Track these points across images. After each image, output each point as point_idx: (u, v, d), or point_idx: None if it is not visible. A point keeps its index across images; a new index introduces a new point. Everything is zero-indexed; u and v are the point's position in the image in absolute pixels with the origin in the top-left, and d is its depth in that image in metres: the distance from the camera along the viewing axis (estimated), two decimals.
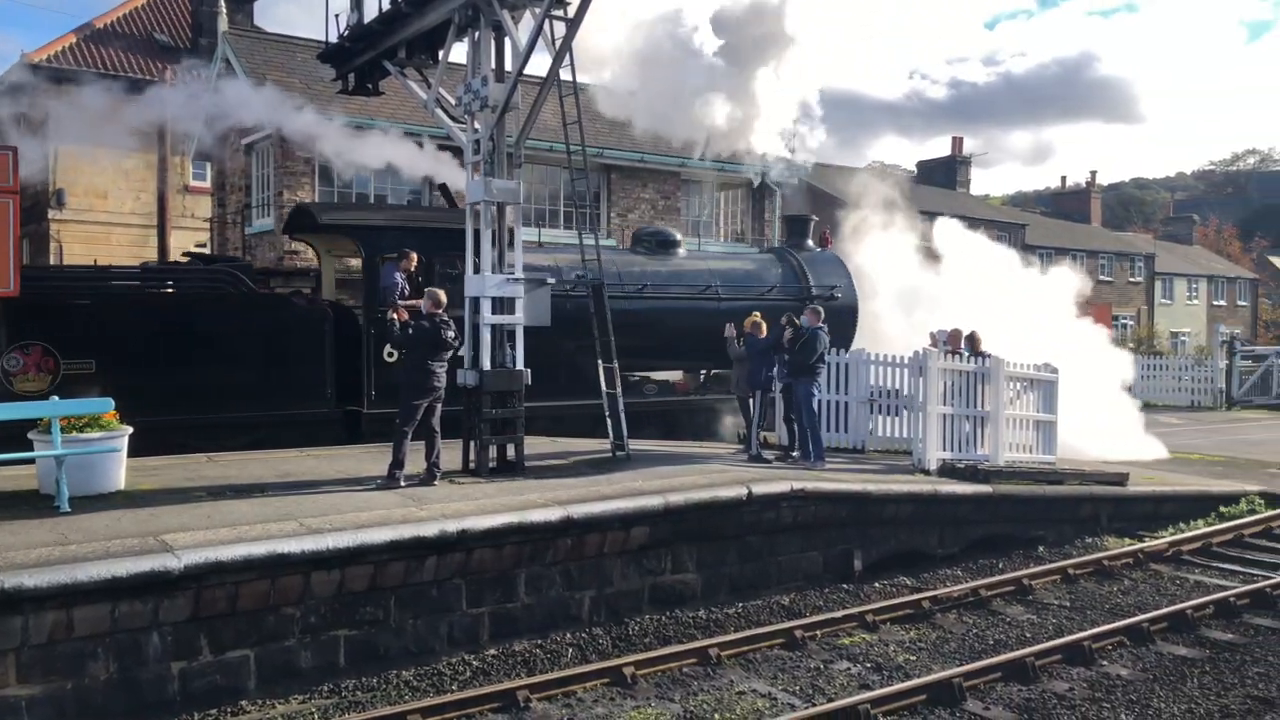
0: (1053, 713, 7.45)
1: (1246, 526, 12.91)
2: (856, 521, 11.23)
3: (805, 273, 17.08)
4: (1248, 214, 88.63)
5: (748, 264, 17.33)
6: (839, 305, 16.86)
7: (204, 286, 12.61)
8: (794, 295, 16.47)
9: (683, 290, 15.57)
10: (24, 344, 10.99)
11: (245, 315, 11.54)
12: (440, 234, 12.80)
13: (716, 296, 15.70)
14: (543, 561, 8.92)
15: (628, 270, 15.28)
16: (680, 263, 16.21)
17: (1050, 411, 14.50)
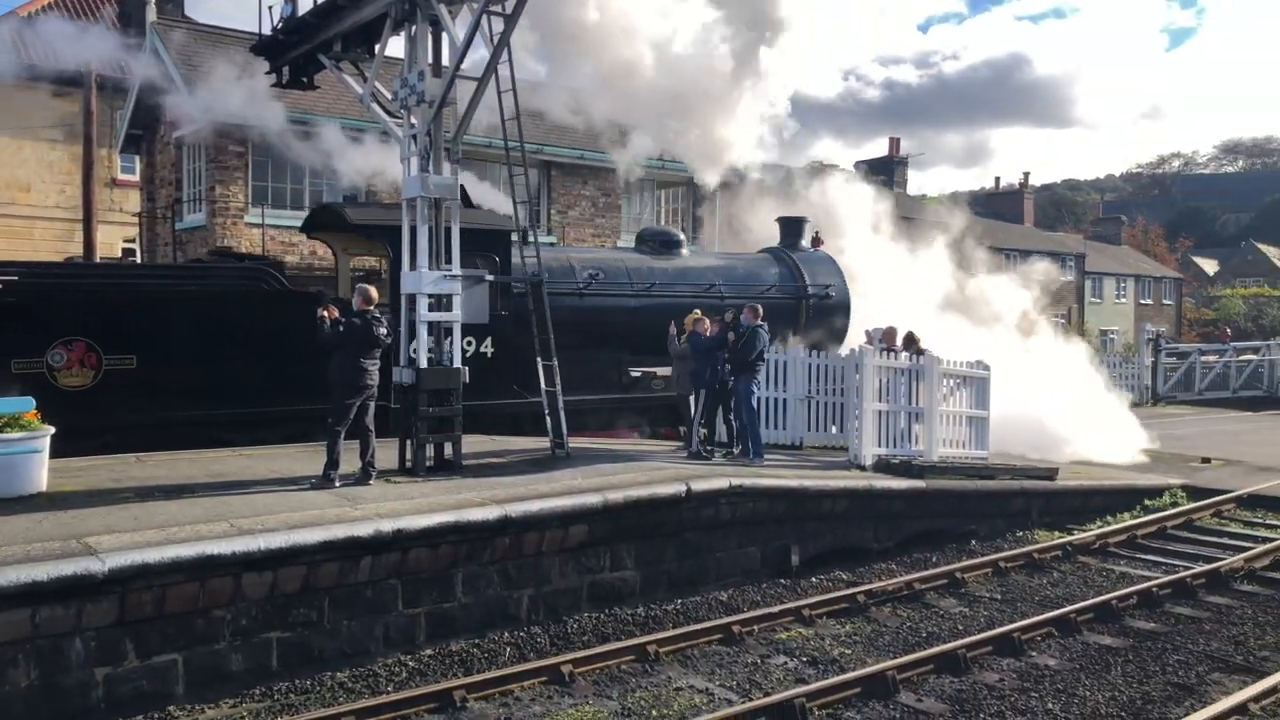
0: (983, 703, 7.59)
1: (1169, 519, 13.29)
2: (794, 517, 11.33)
3: (801, 272, 17.53)
4: (1173, 215, 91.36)
5: (747, 264, 17.71)
6: (833, 303, 17.47)
7: (240, 284, 12.80)
8: (791, 294, 16.95)
9: (688, 289, 15.99)
10: (68, 339, 11.14)
11: (279, 312, 11.66)
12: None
13: (720, 295, 16.08)
14: (480, 561, 8.87)
15: (636, 269, 15.75)
16: (684, 262, 16.64)
17: (983, 407, 14.78)
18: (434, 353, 10.73)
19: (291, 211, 19.00)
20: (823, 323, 17.39)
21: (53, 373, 11.28)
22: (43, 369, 11.20)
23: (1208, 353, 33.28)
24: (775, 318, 16.13)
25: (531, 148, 19.02)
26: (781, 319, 16.65)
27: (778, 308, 16.54)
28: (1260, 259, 75.92)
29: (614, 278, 15.56)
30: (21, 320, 10.89)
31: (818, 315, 17.40)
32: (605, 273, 15.53)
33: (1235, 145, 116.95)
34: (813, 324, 17.25)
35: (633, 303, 14.58)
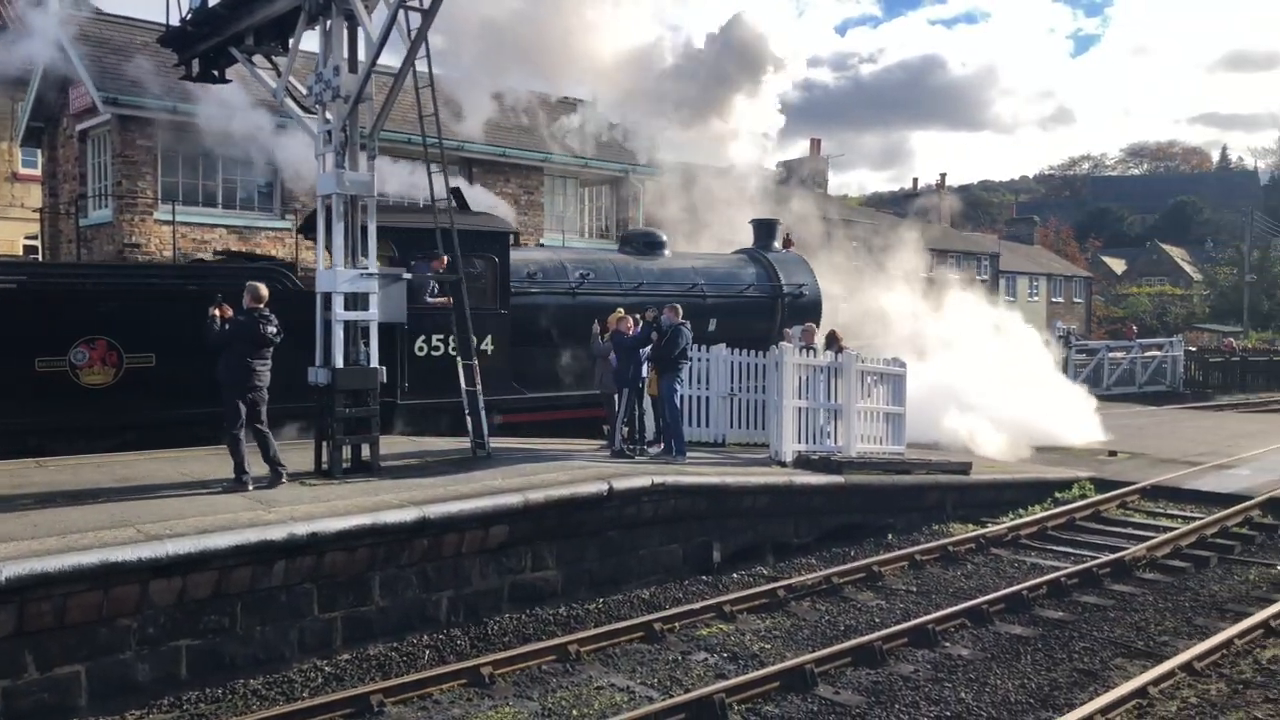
0: (898, 694, 7.74)
1: (1078, 511, 13.70)
2: (716, 514, 11.41)
3: (776, 272, 18.20)
4: (1083, 216, 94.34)
5: (725, 264, 18.27)
6: (806, 301, 18.24)
7: None
8: (768, 293, 17.70)
9: (672, 288, 16.49)
10: (90, 338, 11.29)
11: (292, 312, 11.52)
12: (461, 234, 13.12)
13: (702, 294, 16.81)
14: (398, 563, 8.75)
15: (624, 269, 16.33)
16: (668, 263, 17.21)
17: (899, 404, 15.05)
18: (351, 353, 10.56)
19: (204, 209, 18.50)
20: (798, 319, 17.58)
21: (75, 371, 11.47)
22: (65, 367, 11.40)
23: (1115, 349, 34.38)
24: (753, 315, 17.25)
25: (452, 144, 18.83)
26: (759, 316, 17.35)
27: (755, 305, 17.40)
28: (1164, 258, 78.86)
29: (604, 277, 16.04)
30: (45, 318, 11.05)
31: (793, 313, 18.00)
32: (596, 272, 15.99)
33: (1140, 149, 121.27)
34: (788, 321, 17.76)
35: (622, 301, 14.99)
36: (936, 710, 7.43)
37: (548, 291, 14.99)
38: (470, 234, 13.76)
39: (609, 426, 13.40)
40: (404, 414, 13.47)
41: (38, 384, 11.18)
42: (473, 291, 13.21)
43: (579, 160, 21.90)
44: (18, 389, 11.08)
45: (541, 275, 15.11)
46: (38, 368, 11.20)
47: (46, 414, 11.25)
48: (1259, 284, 58.64)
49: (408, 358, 13.48)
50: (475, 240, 13.76)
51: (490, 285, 14.19)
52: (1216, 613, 9.77)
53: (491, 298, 14.06)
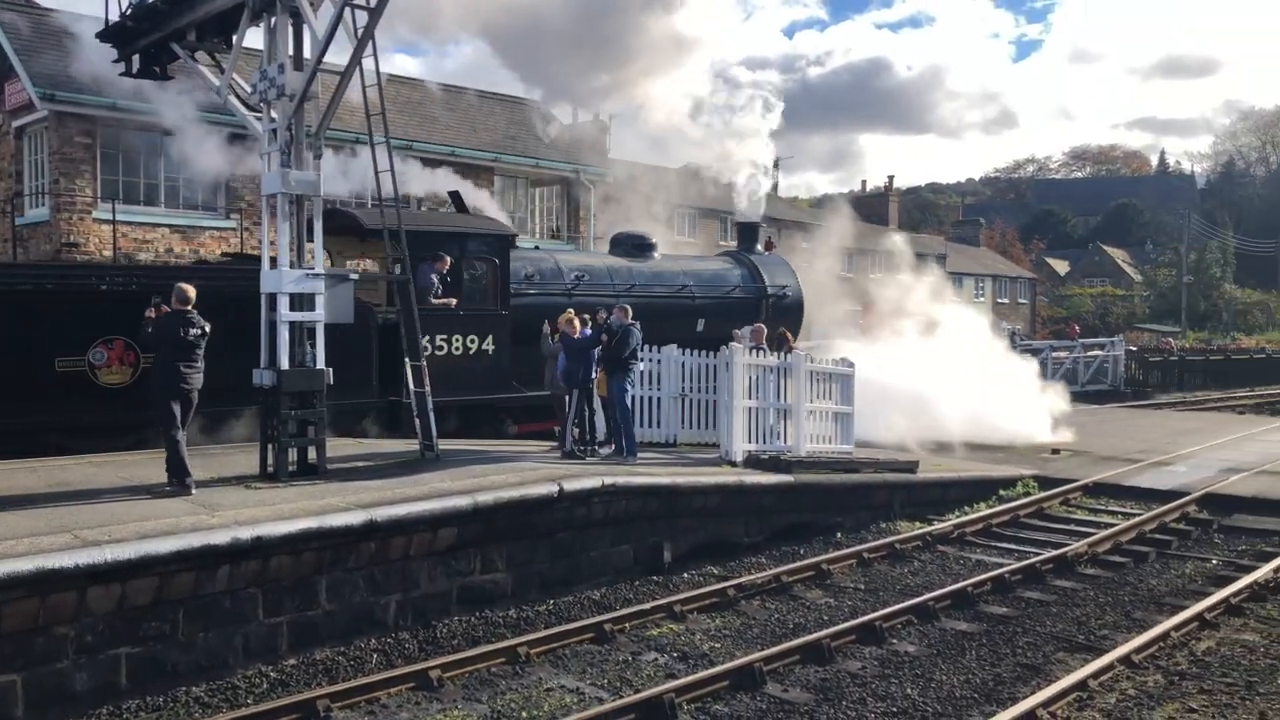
0: (846, 691, 7.82)
1: (1022, 508, 13.93)
2: (666, 514, 11.44)
3: (760, 273, 18.73)
4: (1027, 218, 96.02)
5: (712, 266, 18.83)
6: (789, 302, 18.87)
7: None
8: (753, 294, 18.24)
9: (663, 289, 17.10)
10: (108, 338, 11.39)
11: None
12: (464, 237, 14.34)
13: (691, 295, 17.39)
14: (345, 566, 8.65)
15: (616, 270, 16.74)
16: (658, 264, 17.63)
17: (848, 403, 15.21)
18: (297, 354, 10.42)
19: (145, 208, 18.16)
20: (781, 319, 18.43)
21: (94, 371, 11.59)
22: (84, 366, 11.52)
23: (1058, 349, 35.03)
24: (739, 315, 17.59)
25: (400, 144, 18.69)
26: (744, 316, 17.76)
27: (741, 306, 17.94)
28: (1106, 260, 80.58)
29: (598, 278, 16.40)
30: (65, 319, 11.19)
31: (777, 313, 18.46)
32: (590, 274, 16.34)
33: (1082, 152, 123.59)
34: (772, 321, 17.97)
35: (613, 300, 15.32)
36: (883, 707, 7.52)
37: (545, 293, 15.30)
38: (472, 236, 14.28)
39: (559, 428, 13.38)
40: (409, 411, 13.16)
41: (58, 383, 11.34)
42: (474, 293, 13.85)
43: (530, 160, 21.84)
44: (39, 388, 11.24)
45: (539, 277, 15.52)
46: (58, 367, 11.35)
47: (67, 413, 11.39)
48: (1196, 285, 60.18)
49: None
50: (477, 243, 14.26)
51: (491, 286, 14.49)
52: (1154, 606, 9.99)
53: (493, 299, 14.41)
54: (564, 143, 23.46)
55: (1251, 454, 17.96)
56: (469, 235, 14.38)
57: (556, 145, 23.21)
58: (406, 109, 21.52)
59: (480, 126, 22.47)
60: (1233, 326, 58.95)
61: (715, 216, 40.56)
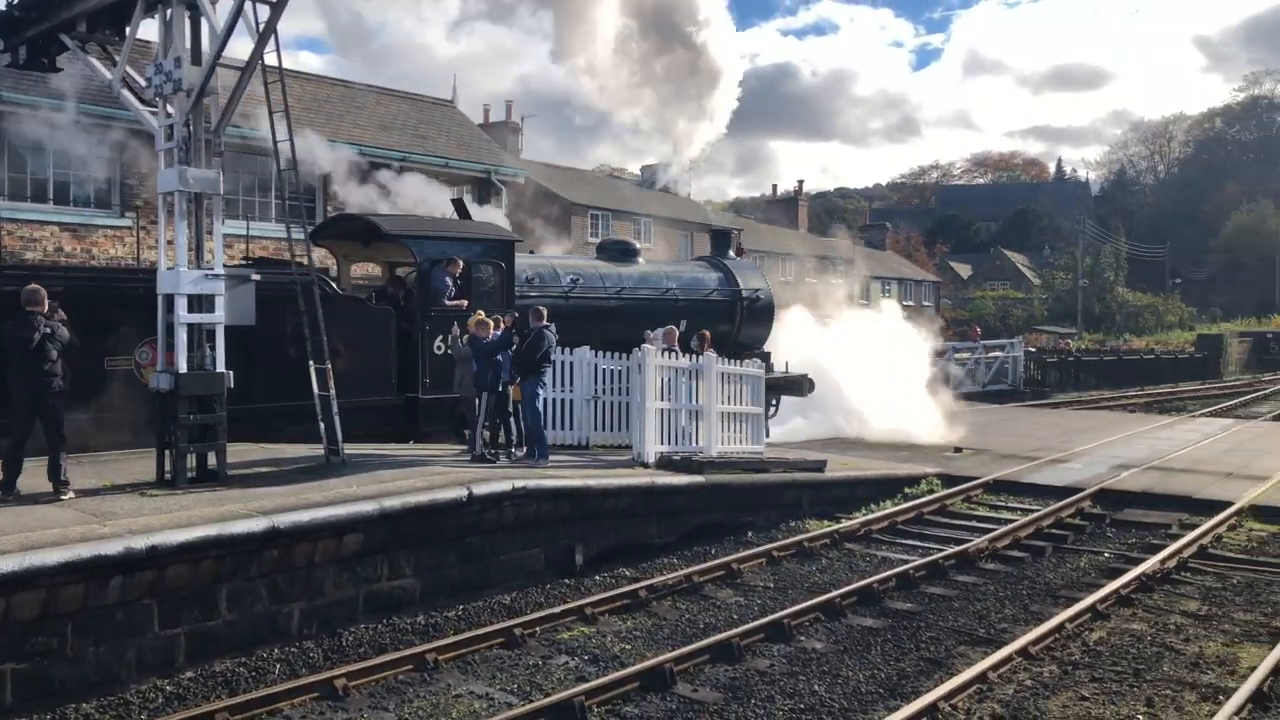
0: (755, 689, 7.89)
1: (925, 505, 14.28)
2: (578, 516, 11.41)
3: (735, 277, 19.39)
4: (932, 223, 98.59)
5: (691, 270, 19.64)
6: (762, 304, 19.59)
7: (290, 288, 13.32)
8: (729, 296, 19.05)
9: (650, 291, 17.80)
10: (152, 338, 11.36)
11: (330, 314, 12.15)
12: (474, 242, 15.03)
13: (674, 298, 18.09)
14: (247, 575, 8.42)
15: (606, 275, 17.42)
16: (643, 269, 18.37)
17: (758, 404, 15.39)
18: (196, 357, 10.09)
19: (33, 204, 17.41)
20: (755, 321, 19.48)
21: (139, 369, 11.88)
22: (131, 365, 11.85)
23: (960, 350, 36.00)
24: (716, 317, 18.46)
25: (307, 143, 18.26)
26: (721, 318, 18.71)
27: (719, 308, 18.81)
28: (1007, 264, 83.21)
29: (590, 282, 17.06)
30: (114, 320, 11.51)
31: (751, 315, 19.34)
32: (584, 277, 17.02)
33: (984, 159, 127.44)
34: (747, 322, 19.27)
35: (609, 304, 16.80)
36: (791, 704, 7.61)
37: (544, 295, 15.86)
38: (479, 242, 15.05)
39: (469, 431, 13.24)
40: (425, 408, 14.31)
41: (107, 382, 11.64)
42: (482, 294, 14.50)
43: (440, 160, 21.58)
44: (90, 386, 11.35)
45: (538, 280, 16.16)
46: (106, 366, 11.66)
47: (115, 410, 11.60)
48: (1091, 289, 62.47)
49: (428, 356, 14.23)
50: (484, 248, 15.02)
51: (498, 288, 15.05)
52: (1050, 599, 10.32)
53: (499, 300, 14.92)
54: (476, 142, 23.25)
55: (1141, 450, 18.73)
56: (477, 240, 15.18)
57: (468, 145, 22.98)
58: (313, 107, 21.08)
59: (389, 125, 22.13)
60: (1125, 328, 61.36)
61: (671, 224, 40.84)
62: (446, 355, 13.94)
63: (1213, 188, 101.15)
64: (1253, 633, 9.24)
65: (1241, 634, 9.22)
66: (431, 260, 14.22)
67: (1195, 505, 14.05)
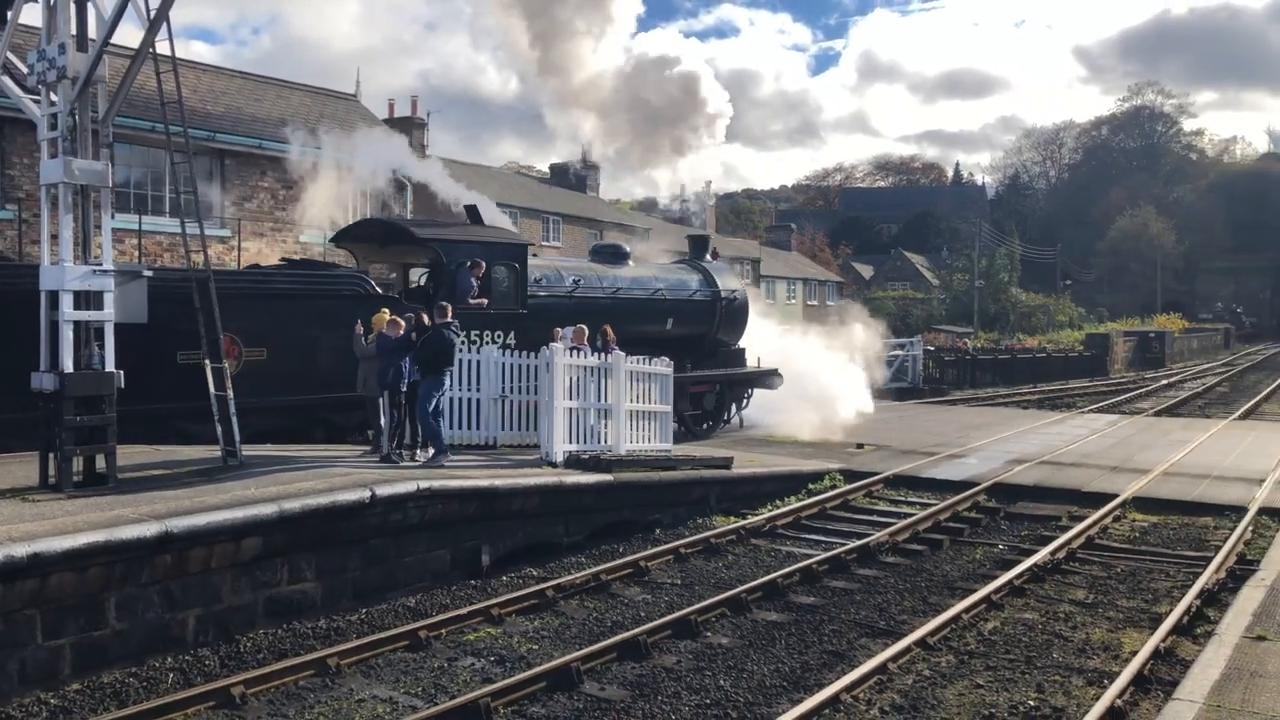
0: (661, 685, 7.93)
1: (829, 501, 14.55)
2: (485, 517, 11.31)
3: (714, 279, 20.59)
4: (835, 224, 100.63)
5: (676, 272, 20.75)
6: (739, 304, 20.90)
7: (344, 287, 14.75)
8: (709, 297, 20.28)
9: (641, 292, 19.01)
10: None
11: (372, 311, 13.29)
12: (493, 246, 16.18)
13: (663, 298, 19.35)
14: (138, 582, 8.12)
15: (603, 276, 18.47)
16: (634, 271, 19.45)
17: (666, 403, 15.47)
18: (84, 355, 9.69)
19: None
20: (732, 319, 20.78)
21: None
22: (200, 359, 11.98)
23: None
24: (698, 316, 19.99)
25: (201, 135, 17.73)
26: (702, 318, 20.14)
27: (701, 308, 20.14)
28: (907, 265, 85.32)
29: (590, 282, 18.09)
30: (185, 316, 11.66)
31: (728, 314, 20.62)
32: (584, 278, 18.04)
33: (886, 162, 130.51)
34: (724, 321, 20.57)
35: (606, 302, 17.77)
36: (697, 699, 7.67)
37: (551, 295, 17.05)
38: (496, 245, 16.18)
39: (373, 431, 13.01)
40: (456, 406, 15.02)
41: (179, 374, 12.13)
42: (497, 295, 15.65)
43: (343, 155, 21.11)
44: (164, 378, 12.18)
45: (545, 281, 17.16)
46: (179, 360, 12.23)
47: (188, 401, 11.87)
48: (986, 289, 64.40)
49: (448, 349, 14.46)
50: (499, 251, 16.11)
51: (512, 289, 16.13)
52: (948, 591, 10.62)
53: (514, 300, 16.13)
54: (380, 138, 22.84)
55: (1034, 445, 19.41)
56: (496, 244, 16.31)
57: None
58: (209, 98, 20.42)
59: (290, 119, 21.55)
60: (1018, 328, 63.41)
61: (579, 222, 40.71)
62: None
63: (1100, 193, 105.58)
64: (1135, 619, 9.66)
65: (1124, 620, 9.63)
66: (458, 262, 15.39)
67: (1083, 498, 14.61)
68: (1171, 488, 15.20)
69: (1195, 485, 15.37)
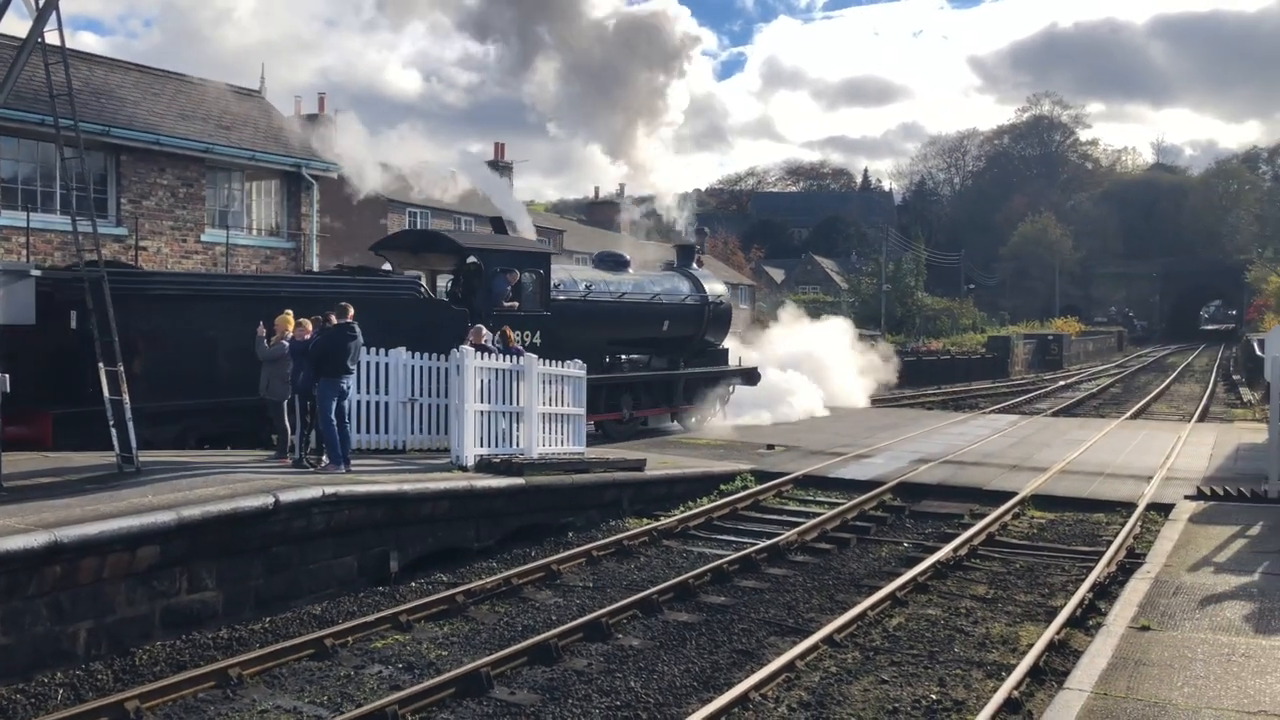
0: (572, 689, 7.91)
1: (740, 501, 14.70)
2: (393, 522, 11.14)
3: (702, 285, 22.36)
4: (748, 228, 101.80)
5: (669, 278, 22.34)
6: (724, 307, 22.91)
7: (403, 293, 16.19)
8: (698, 301, 22.07)
9: (642, 296, 20.79)
10: None
11: (425, 314, 15.78)
12: (523, 254, 18.10)
13: (661, 302, 21.24)
14: (24, 594, 7.78)
15: (609, 281, 20.18)
16: (634, 277, 21.20)
17: (579, 405, 15.45)
18: None
19: None
20: (718, 322, 22.69)
21: None
22: None
23: None
24: (689, 320, 21.86)
25: (96, 129, 17.11)
26: (692, 321, 21.93)
27: (691, 311, 21.92)
28: (817, 269, 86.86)
29: (599, 287, 19.78)
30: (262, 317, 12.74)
31: (715, 317, 22.46)
32: (594, 284, 19.71)
33: (796, 168, 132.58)
34: (711, 324, 22.38)
35: (613, 305, 19.81)
36: (607, 701, 7.67)
37: (569, 298, 18.74)
38: (523, 254, 18.08)
39: (277, 436, 12.71)
40: None
41: None
42: (525, 298, 17.37)
43: (246, 152, 20.60)
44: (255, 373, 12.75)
45: (562, 286, 18.75)
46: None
47: None
48: (893, 293, 65.89)
49: None
50: (526, 258, 17.93)
51: (537, 292, 17.79)
52: (855, 588, 10.82)
53: (539, 302, 17.78)
54: (287, 136, 22.34)
55: (938, 445, 19.92)
56: (525, 253, 18.23)
57: (276, 137, 22.04)
58: (104, 91, 19.67)
59: (190, 114, 20.91)
60: (924, 330, 65.00)
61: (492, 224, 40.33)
62: None
63: (1002, 199, 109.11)
64: (1032, 613, 9.98)
65: (1022, 614, 9.95)
66: (494, 269, 17.03)
67: (985, 496, 15.04)
68: (1067, 485, 15.75)
69: (1089, 483, 15.96)
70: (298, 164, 21.60)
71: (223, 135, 20.65)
